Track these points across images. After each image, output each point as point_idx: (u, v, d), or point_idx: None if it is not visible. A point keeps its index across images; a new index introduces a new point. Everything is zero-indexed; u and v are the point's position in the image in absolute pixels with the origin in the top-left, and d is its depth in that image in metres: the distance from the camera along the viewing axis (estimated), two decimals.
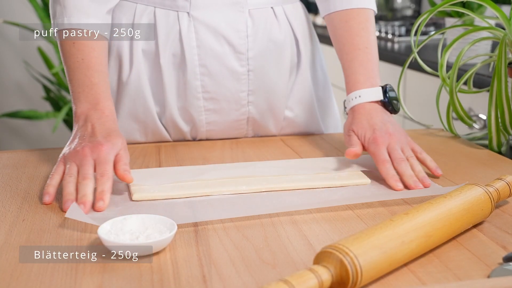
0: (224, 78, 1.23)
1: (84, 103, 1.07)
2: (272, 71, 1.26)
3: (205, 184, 1.00)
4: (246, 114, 1.28)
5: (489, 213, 0.87)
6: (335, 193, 0.98)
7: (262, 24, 1.23)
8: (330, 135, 1.34)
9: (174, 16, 1.20)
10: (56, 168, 1.00)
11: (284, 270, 0.74)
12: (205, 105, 1.24)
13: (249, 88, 1.25)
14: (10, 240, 0.83)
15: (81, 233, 0.85)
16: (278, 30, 1.25)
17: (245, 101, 1.26)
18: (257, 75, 1.25)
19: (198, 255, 0.78)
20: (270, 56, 1.25)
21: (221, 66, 1.22)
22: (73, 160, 0.99)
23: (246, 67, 1.23)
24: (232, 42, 1.21)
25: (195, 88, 1.23)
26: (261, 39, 1.24)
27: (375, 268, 0.69)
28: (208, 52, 1.21)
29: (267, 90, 1.27)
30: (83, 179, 0.95)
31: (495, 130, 1.21)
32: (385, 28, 2.82)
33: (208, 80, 1.22)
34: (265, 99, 1.27)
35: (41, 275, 0.73)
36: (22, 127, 3.67)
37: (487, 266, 0.75)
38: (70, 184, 0.95)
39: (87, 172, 0.96)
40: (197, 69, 1.21)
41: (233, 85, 1.24)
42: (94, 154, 0.98)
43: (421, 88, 2.28)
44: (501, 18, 1.20)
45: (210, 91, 1.23)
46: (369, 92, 1.14)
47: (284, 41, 1.26)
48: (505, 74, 1.16)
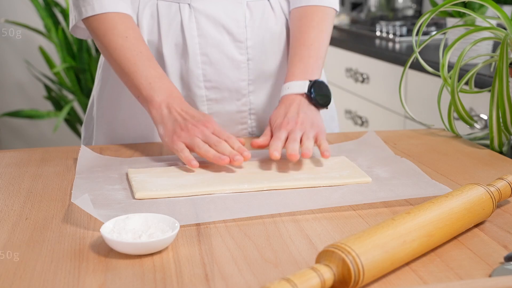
0: (224, 67, 1.26)
1: (160, 92, 1.13)
2: (271, 61, 1.30)
3: (207, 183, 1.00)
4: (248, 105, 1.31)
5: (491, 213, 0.87)
6: (336, 192, 0.99)
7: (259, 15, 1.28)
8: (329, 134, 1.34)
9: (176, 8, 1.24)
10: (177, 148, 1.08)
11: (286, 269, 0.75)
12: (207, 94, 1.28)
13: (249, 77, 1.29)
14: (13, 238, 0.83)
15: (84, 232, 0.85)
16: (274, 22, 1.30)
17: (245, 90, 1.30)
18: (256, 64, 1.29)
19: (200, 253, 0.78)
20: (268, 46, 1.29)
21: (221, 55, 1.26)
22: (194, 135, 1.08)
23: (246, 56, 1.27)
24: (231, 31, 1.26)
25: (197, 77, 1.26)
26: (258, 29, 1.28)
27: (377, 267, 0.70)
28: (208, 41, 1.25)
29: (266, 79, 1.31)
30: (219, 142, 1.06)
31: (497, 130, 1.21)
32: (386, 28, 2.82)
33: (209, 68, 1.26)
34: (265, 89, 1.31)
35: (44, 274, 0.74)
36: (23, 127, 3.67)
37: (489, 266, 0.75)
38: (210, 150, 1.06)
39: (216, 139, 1.07)
40: (199, 57, 1.25)
41: (234, 74, 1.27)
42: (210, 128, 1.09)
43: (423, 88, 2.28)
44: (502, 18, 1.20)
45: (212, 80, 1.27)
46: (296, 84, 1.21)
47: (280, 33, 1.31)
48: (506, 74, 1.17)
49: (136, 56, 1.16)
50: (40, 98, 3.58)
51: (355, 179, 1.03)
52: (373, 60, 2.60)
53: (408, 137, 1.32)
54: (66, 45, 3.25)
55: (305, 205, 0.93)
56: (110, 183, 1.02)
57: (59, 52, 3.27)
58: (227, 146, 1.07)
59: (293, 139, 1.09)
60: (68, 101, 3.36)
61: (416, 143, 1.27)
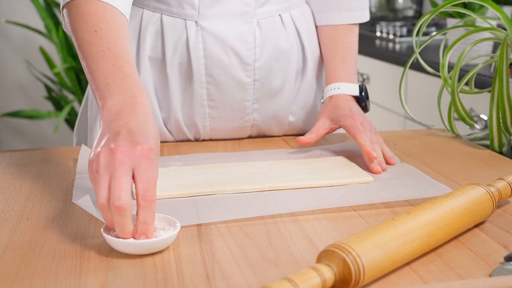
0: (230, 88, 1.23)
1: (117, 94, 0.87)
2: (278, 79, 1.27)
3: (208, 183, 1.00)
4: (250, 121, 1.29)
5: (491, 213, 0.87)
6: (337, 192, 0.99)
7: (269, 33, 1.23)
8: (332, 134, 1.34)
9: (182, 25, 1.20)
10: (91, 180, 0.81)
11: (287, 269, 0.75)
12: (209, 112, 1.25)
13: (254, 97, 1.26)
14: (15, 238, 0.83)
15: (85, 232, 0.85)
16: (285, 38, 1.26)
17: (249, 109, 1.27)
18: (263, 84, 1.26)
19: (201, 253, 0.79)
20: (276, 64, 1.26)
21: (228, 77, 1.22)
22: (106, 169, 0.78)
23: (252, 78, 1.24)
24: (239, 54, 1.21)
25: (201, 96, 1.23)
26: (268, 49, 1.24)
27: (378, 267, 0.70)
28: (215, 63, 1.21)
29: (272, 97, 1.28)
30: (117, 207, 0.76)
31: (497, 130, 1.21)
32: (386, 28, 2.82)
33: (214, 89, 1.23)
34: (269, 106, 1.28)
35: (45, 274, 0.74)
36: (23, 127, 3.67)
37: (489, 266, 0.75)
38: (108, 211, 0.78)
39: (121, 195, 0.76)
40: (203, 78, 1.22)
41: (239, 94, 1.24)
42: (131, 158, 0.78)
43: (423, 88, 2.28)
44: (502, 18, 1.20)
45: (216, 100, 1.24)
46: (348, 86, 1.24)
47: (290, 49, 1.27)
48: (506, 74, 1.17)
49: (100, 52, 0.92)
50: (40, 98, 3.58)
51: (357, 178, 1.03)
52: (373, 60, 2.61)
53: (408, 138, 1.32)
54: (66, 45, 3.25)
55: (306, 206, 0.93)
56: None
57: (60, 52, 3.28)
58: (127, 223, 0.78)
59: (373, 141, 1.14)
60: (69, 101, 3.36)
61: (416, 144, 1.27)
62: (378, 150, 1.11)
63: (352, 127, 1.14)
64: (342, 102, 1.22)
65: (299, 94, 1.31)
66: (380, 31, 2.85)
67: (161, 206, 0.93)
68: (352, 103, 1.22)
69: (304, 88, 1.31)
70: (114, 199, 0.76)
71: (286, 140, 1.31)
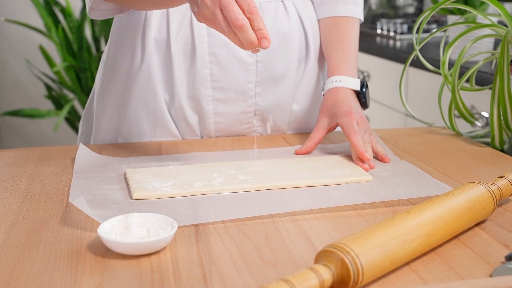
0: (232, 68, 1.25)
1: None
2: (280, 63, 1.29)
3: (206, 183, 0.99)
4: (254, 106, 1.30)
5: (491, 212, 0.86)
6: (336, 191, 0.98)
7: (271, 16, 1.27)
8: (332, 133, 1.33)
9: (186, 5, 1.22)
10: None
11: (285, 269, 0.74)
12: (213, 94, 1.27)
13: (257, 79, 1.28)
14: (10, 238, 0.82)
15: (81, 232, 0.84)
16: (287, 23, 1.28)
17: (252, 92, 1.28)
18: (265, 66, 1.28)
19: (198, 254, 0.78)
20: (279, 48, 1.28)
21: (230, 55, 1.25)
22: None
23: (255, 58, 1.27)
24: None
25: (204, 77, 1.25)
26: (270, 31, 1.24)
27: (377, 267, 0.69)
28: (217, 41, 1.24)
29: (275, 82, 1.29)
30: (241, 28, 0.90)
31: (498, 128, 1.20)
32: (387, 25, 2.81)
33: (217, 68, 1.25)
34: (272, 91, 1.30)
35: (41, 274, 0.73)
36: (23, 126, 3.67)
37: (489, 265, 0.74)
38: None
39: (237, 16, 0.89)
40: (206, 57, 1.24)
41: (241, 75, 1.26)
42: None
43: (423, 85, 2.27)
44: (503, 15, 1.20)
45: (219, 80, 1.26)
46: (349, 80, 1.24)
47: (292, 34, 1.29)
48: (507, 71, 1.16)
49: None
50: (40, 97, 3.58)
51: (357, 177, 1.03)
52: (373, 58, 2.60)
53: (409, 135, 1.31)
54: (66, 44, 3.25)
55: (305, 205, 0.92)
56: (108, 183, 1.01)
57: (59, 51, 3.27)
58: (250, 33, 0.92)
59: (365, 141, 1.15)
60: (69, 100, 3.35)
61: (417, 141, 1.26)
62: (370, 150, 1.13)
63: (347, 126, 1.15)
64: (342, 96, 1.22)
65: (302, 82, 1.33)
66: (381, 28, 2.85)
67: (158, 206, 0.92)
68: (352, 98, 1.22)
69: (307, 76, 1.33)
70: (233, 22, 0.89)
71: (285, 138, 1.30)
